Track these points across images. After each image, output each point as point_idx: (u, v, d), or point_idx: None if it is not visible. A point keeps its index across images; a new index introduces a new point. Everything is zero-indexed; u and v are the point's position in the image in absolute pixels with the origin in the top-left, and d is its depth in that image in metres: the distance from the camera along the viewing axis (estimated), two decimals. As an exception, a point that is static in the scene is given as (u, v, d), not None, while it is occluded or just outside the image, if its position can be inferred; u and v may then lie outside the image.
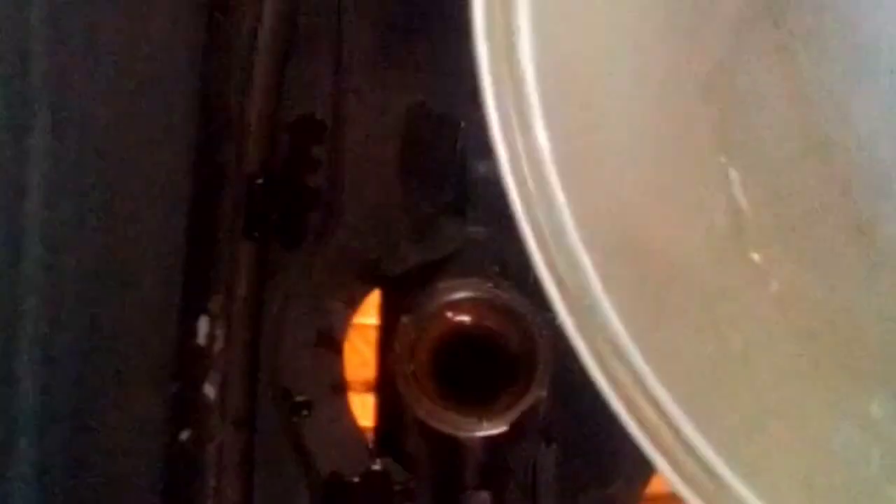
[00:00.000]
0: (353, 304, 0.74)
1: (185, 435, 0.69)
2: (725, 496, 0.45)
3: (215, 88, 0.70)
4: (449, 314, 0.73)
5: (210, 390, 0.70)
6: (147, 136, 0.62)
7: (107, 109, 0.55)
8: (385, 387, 0.74)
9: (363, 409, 0.74)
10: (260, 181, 0.72)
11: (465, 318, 0.73)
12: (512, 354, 0.72)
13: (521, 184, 0.44)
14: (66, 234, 0.52)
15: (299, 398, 0.73)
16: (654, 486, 0.72)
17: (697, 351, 0.48)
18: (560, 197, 0.45)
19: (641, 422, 0.44)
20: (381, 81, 0.74)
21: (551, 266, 0.45)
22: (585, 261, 0.45)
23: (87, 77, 0.53)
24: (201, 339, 0.70)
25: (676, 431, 0.44)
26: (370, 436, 0.74)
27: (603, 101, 0.48)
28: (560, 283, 0.45)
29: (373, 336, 0.75)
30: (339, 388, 0.73)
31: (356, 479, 0.72)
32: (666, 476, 0.44)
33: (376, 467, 0.72)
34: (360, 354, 0.75)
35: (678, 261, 0.49)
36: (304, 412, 0.73)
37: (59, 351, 0.53)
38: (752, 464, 0.46)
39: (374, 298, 0.75)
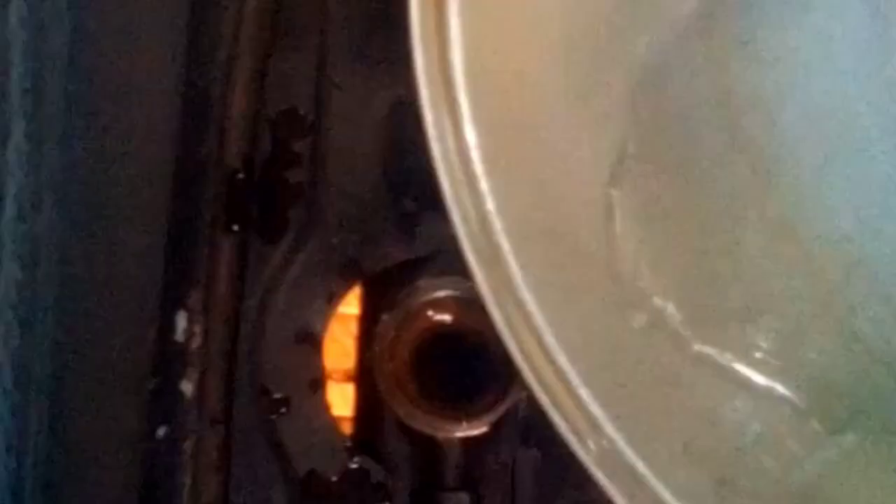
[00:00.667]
0: (333, 300, 0.73)
1: (161, 432, 0.69)
2: (611, 452, 0.50)
3: (197, 82, 0.69)
4: (430, 312, 0.73)
5: (187, 387, 0.69)
6: (128, 135, 0.61)
7: (87, 111, 0.54)
8: (364, 385, 0.73)
9: (343, 400, 0.74)
10: (241, 175, 0.72)
11: (446, 317, 0.73)
12: (492, 354, 0.72)
13: (451, 175, 0.50)
14: (41, 247, 0.51)
15: (277, 395, 0.72)
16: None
17: (601, 327, 0.52)
18: (484, 186, 0.50)
19: (543, 385, 0.50)
20: (365, 77, 0.74)
21: (477, 249, 0.50)
22: (506, 245, 0.50)
23: (65, 81, 0.52)
24: (179, 335, 0.69)
25: (576, 395, 0.50)
26: (349, 432, 0.73)
27: (528, 102, 0.52)
28: (482, 263, 0.50)
29: (354, 326, 0.74)
30: (318, 385, 0.73)
31: (334, 478, 0.72)
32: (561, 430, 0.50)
33: (354, 466, 0.72)
34: (341, 345, 0.74)
35: (589, 247, 0.54)
36: (282, 410, 0.72)
37: (34, 368, 0.52)
38: (639, 430, 0.50)
39: (355, 288, 0.74)
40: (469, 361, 0.72)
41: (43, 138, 0.50)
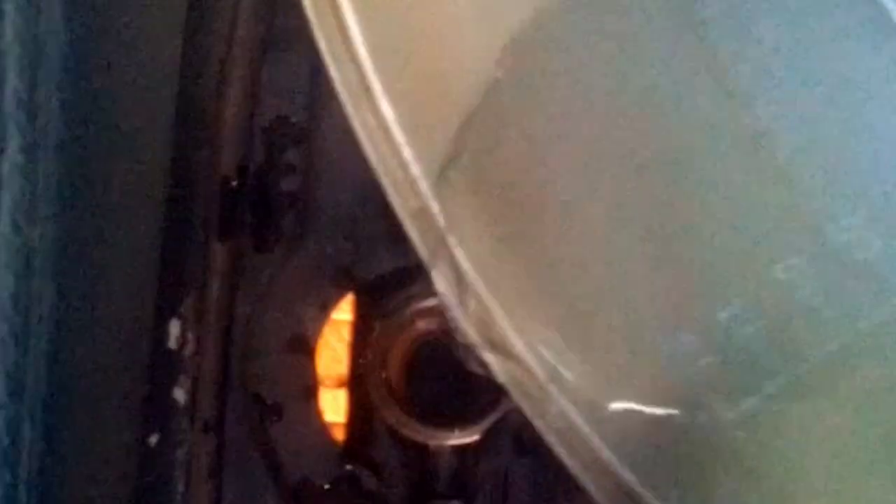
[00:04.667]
0: (326, 308, 0.73)
1: (153, 439, 0.69)
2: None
3: (190, 91, 0.69)
4: (422, 321, 0.73)
5: (180, 394, 0.70)
6: (123, 146, 0.61)
7: (81, 123, 0.54)
8: (356, 393, 0.73)
9: (334, 405, 0.74)
10: (234, 183, 0.72)
11: (439, 326, 0.73)
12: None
13: (375, 149, 0.52)
14: (36, 259, 0.52)
15: (270, 403, 0.72)
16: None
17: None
18: (407, 154, 0.51)
19: None
20: (358, 85, 0.73)
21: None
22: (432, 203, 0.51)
23: (60, 93, 0.52)
24: (172, 342, 0.69)
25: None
26: (341, 439, 0.73)
27: (435, 64, 0.52)
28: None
29: (346, 332, 0.74)
30: (311, 392, 0.73)
31: (326, 486, 0.72)
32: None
33: (346, 474, 0.72)
34: (332, 350, 0.75)
35: None
36: (275, 417, 0.72)
37: (29, 381, 0.52)
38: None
39: (348, 295, 0.75)
40: (461, 370, 0.72)
41: (37, 151, 0.50)
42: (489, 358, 0.51)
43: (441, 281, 0.51)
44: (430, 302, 0.72)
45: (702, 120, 0.48)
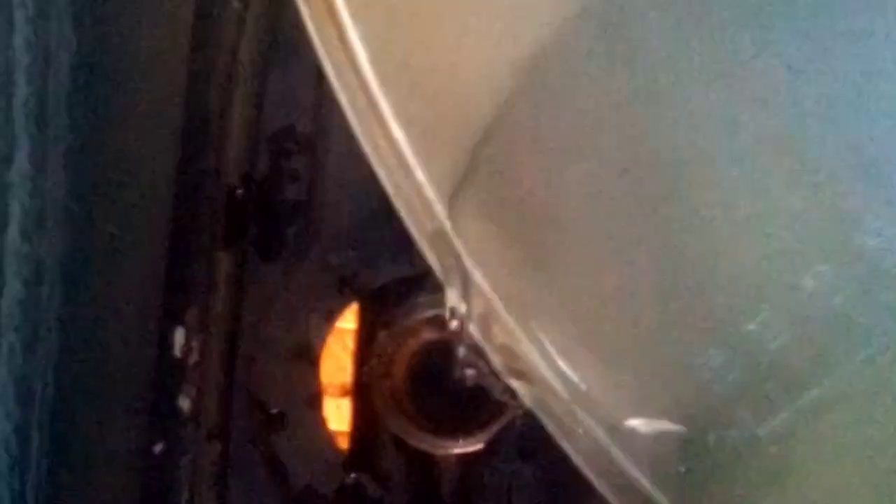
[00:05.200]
0: (330, 317, 0.73)
1: (158, 447, 0.69)
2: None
3: (197, 100, 0.70)
4: (426, 330, 0.73)
5: (185, 403, 0.70)
6: (130, 155, 0.61)
7: (89, 132, 0.54)
8: (361, 401, 0.73)
9: (338, 413, 0.74)
10: (239, 192, 0.72)
11: (443, 335, 0.73)
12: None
13: (389, 172, 0.51)
14: (44, 267, 0.52)
15: (274, 411, 0.73)
16: None
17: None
18: (420, 177, 0.51)
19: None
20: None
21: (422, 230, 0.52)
22: (448, 226, 0.51)
23: (69, 103, 0.52)
24: (177, 350, 0.69)
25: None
26: (345, 448, 0.74)
27: (445, 85, 0.52)
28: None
29: (350, 341, 0.75)
30: (315, 401, 0.73)
31: (330, 494, 0.72)
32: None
33: (350, 482, 0.72)
34: (336, 359, 0.75)
35: None
36: (279, 425, 0.73)
37: (37, 388, 0.52)
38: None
39: (352, 304, 0.75)
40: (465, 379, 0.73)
41: (46, 160, 0.51)
42: (513, 382, 0.50)
43: (458, 302, 0.50)
44: (435, 311, 0.73)
45: (722, 125, 0.47)
